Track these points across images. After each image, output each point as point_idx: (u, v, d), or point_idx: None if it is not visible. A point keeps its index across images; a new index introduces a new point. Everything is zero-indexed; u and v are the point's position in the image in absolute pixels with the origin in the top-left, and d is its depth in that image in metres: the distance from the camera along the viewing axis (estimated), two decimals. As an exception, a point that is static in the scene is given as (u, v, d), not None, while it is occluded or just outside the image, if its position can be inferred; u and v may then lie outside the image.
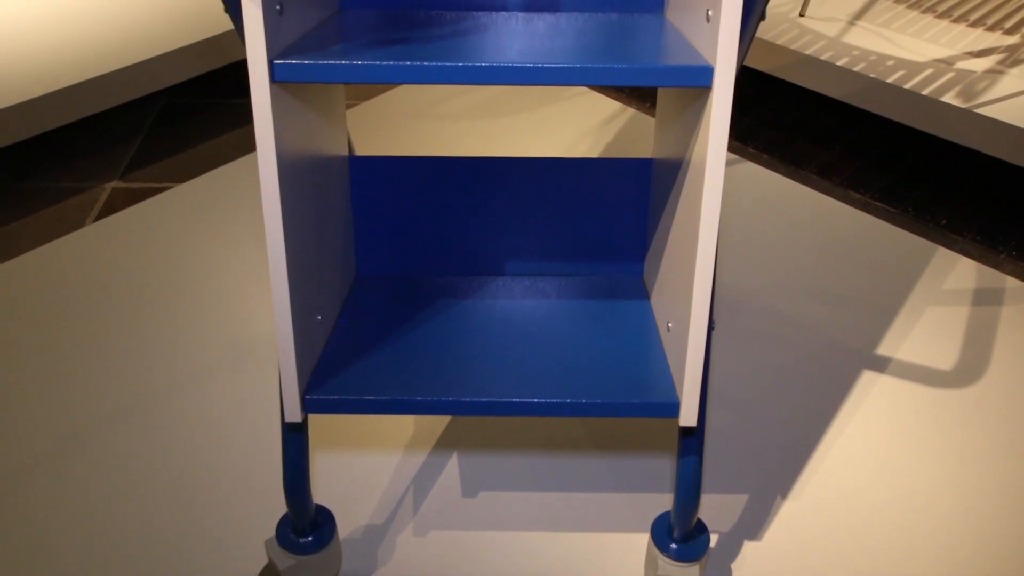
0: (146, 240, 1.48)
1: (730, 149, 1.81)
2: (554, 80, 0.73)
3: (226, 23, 1.91)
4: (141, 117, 1.87)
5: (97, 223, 1.52)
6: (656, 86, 0.78)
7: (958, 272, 1.43)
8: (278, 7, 0.73)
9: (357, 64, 0.72)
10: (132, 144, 1.79)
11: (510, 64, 0.72)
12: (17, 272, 1.41)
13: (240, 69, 2.01)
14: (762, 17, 0.76)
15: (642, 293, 1.02)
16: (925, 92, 1.68)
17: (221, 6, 1.91)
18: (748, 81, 2.00)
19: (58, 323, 1.31)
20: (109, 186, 1.66)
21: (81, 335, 1.29)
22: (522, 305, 0.99)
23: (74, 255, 1.45)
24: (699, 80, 0.72)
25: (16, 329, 1.30)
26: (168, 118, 1.87)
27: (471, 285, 1.04)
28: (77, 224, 1.56)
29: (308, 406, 0.82)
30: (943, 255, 1.46)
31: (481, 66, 0.72)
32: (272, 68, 0.72)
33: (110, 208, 1.60)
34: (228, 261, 1.44)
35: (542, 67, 0.72)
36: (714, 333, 1.28)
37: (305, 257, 0.83)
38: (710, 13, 0.72)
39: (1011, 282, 1.41)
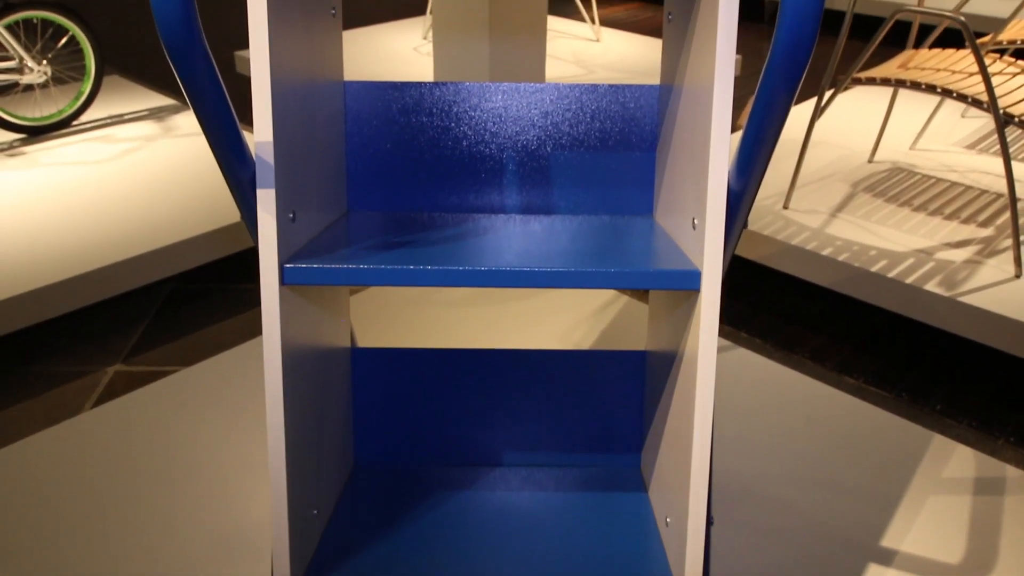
0: (143, 426, 1.48)
1: (722, 334, 1.85)
2: (550, 284, 0.76)
3: (234, 215, 2.00)
4: (148, 301, 1.92)
5: (96, 408, 1.53)
6: (647, 289, 0.82)
7: (956, 460, 1.42)
8: (291, 215, 0.78)
9: (362, 268, 0.76)
10: (137, 328, 1.83)
11: (508, 268, 0.76)
12: (13, 459, 1.40)
13: (245, 256, 2.08)
14: (745, 225, 0.81)
15: (639, 485, 1.02)
16: (908, 281, 1.74)
17: (230, 198, 2.00)
18: (738, 268, 2.07)
19: (52, 512, 1.29)
20: (111, 370, 1.69)
21: (74, 524, 1.27)
22: (519, 497, 0.99)
23: (71, 441, 1.44)
24: (688, 284, 0.76)
25: (9, 519, 1.28)
26: (174, 303, 1.92)
27: (468, 476, 1.03)
28: (76, 409, 1.56)
29: (300, 607, 0.80)
30: (940, 442, 1.47)
31: (480, 270, 0.76)
32: (282, 272, 0.76)
33: (111, 392, 1.61)
34: (226, 449, 1.43)
35: (538, 271, 0.76)
36: (713, 528, 1.26)
37: (305, 452, 0.84)
38: (695, 221, 0.77)
39: (1011, 471, 1.40)
